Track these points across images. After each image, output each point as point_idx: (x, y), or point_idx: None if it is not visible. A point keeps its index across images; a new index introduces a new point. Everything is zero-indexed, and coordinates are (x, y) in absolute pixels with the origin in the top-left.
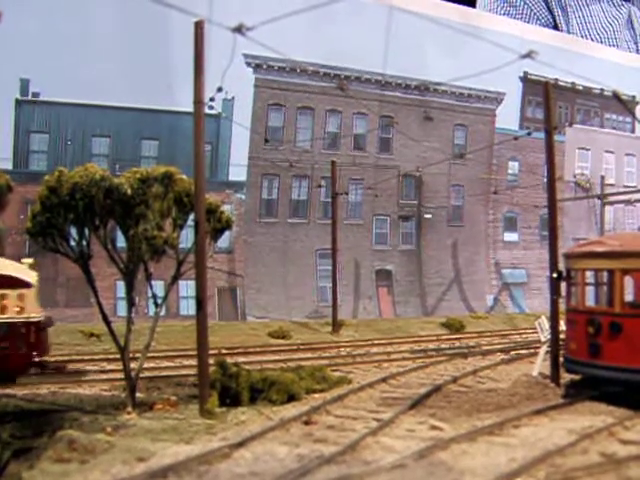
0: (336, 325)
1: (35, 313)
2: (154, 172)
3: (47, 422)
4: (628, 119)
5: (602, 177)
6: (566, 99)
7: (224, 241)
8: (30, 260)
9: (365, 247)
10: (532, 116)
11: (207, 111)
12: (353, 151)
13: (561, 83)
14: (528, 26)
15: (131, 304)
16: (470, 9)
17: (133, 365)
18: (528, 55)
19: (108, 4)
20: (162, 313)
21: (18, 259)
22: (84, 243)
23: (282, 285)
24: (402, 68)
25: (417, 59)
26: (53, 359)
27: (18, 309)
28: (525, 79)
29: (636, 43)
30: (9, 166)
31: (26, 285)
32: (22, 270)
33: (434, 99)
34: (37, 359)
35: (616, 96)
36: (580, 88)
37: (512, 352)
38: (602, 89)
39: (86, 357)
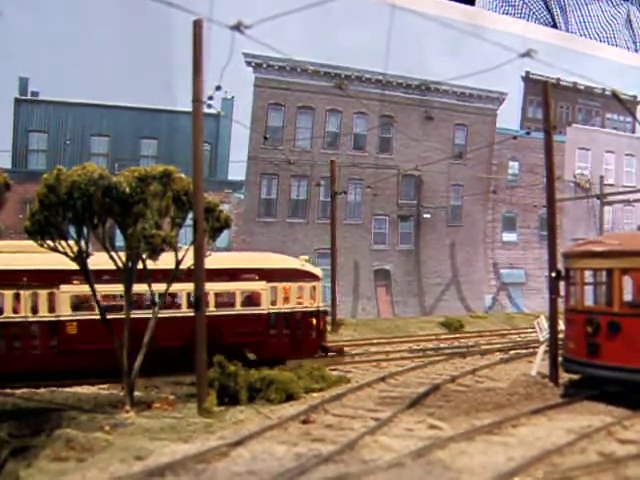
0: (335, 324)
1: (322, 303)
2: (153, 171)
3: (45, 421)
4: (629, 119)
5: (601, 177)
6: (567, 99)
7: (223, 240)
8: (306, 257)
9: (364, 247)
10: (533, 116)
11: (206, 110)
12: (353, 151)
13: (563, 83)
14: (530, 25)
15: (129, 302)
16: (472, 8)
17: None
18: (527, 54)
19: (107, 3)
20: None
21: None
22: (82, 242)
23: None
24: (403, 67)
25: (418, 58)
26: None
27: (311, 300)
28: (527, 79)
29: (635, 42)
30: (8, 165)
31: (316, 278)
32: (305, 265)
33: (435, 99)
34: (322, 343)
35: (615, 96)
36: (581, 88)
37: (511, 352)
38: (603, 89)
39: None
